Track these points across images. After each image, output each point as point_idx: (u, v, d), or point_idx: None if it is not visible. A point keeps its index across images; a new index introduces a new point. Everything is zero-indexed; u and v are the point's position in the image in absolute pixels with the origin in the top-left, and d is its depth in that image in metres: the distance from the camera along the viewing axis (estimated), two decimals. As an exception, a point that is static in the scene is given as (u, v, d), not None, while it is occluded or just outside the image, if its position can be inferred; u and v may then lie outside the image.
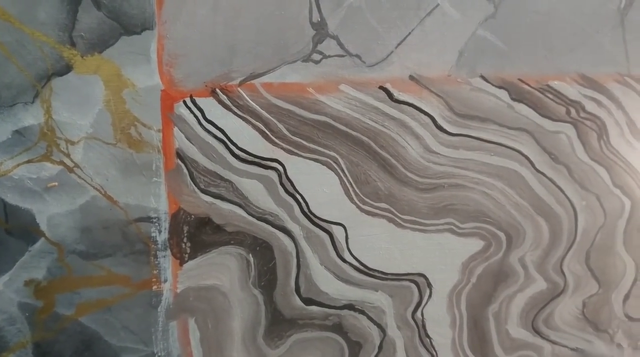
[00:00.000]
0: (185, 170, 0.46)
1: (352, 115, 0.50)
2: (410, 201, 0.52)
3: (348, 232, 0.50)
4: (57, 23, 0.42)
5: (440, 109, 0.52)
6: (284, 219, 0.48)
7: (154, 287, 0.45)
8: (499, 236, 0.55)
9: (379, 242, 0.51)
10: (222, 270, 0.47)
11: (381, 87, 0.50)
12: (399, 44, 0.51)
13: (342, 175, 0.50)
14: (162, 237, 0.45)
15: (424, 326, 0.53)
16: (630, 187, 0.57)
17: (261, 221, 0.48)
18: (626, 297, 0.59)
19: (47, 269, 0.43)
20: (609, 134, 0.57)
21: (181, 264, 0.46)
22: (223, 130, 0.46)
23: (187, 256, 0.46)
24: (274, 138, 0.48)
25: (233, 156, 0.47)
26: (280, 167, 0.48)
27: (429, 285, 0.53)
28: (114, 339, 0.45)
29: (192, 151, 0.46)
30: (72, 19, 0.42)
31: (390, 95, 0.51)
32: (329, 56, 0.49)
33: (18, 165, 0.42)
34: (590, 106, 0.56)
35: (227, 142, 0.47)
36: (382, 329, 0.52)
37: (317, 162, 0.49)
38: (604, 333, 0.59)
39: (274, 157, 0.48)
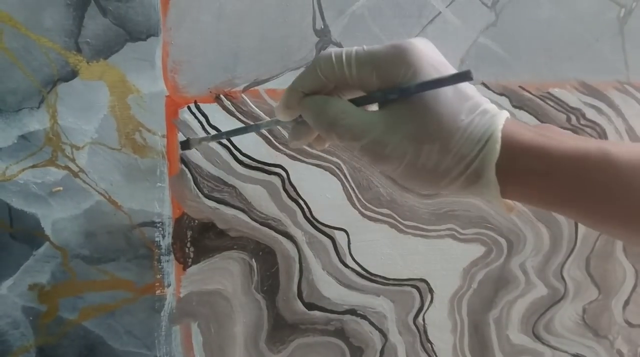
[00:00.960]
0: (189, 176, 0.46)
1: (355, 121, 0.50)
2: (412, 206, 0.52)
3: (350, 237, 0.51)
4: (63, 29, 0.42)
5: (441, 116, 0.52)
6: (286, 224, 0.49)
7: (157, 292, 0.46)
8: (500, 242, 0.55)
9: (381, 247, 0.52)
10: (225, 275, 0.47)
11: (383, 94, 0.51)
12: (401, 52, 0.51)
13: (345, 181, 0.50)
14: (166, 242, 0.46)
15: (425, 331, 0.54)
16: (630, 194, 0.57)
17: (264, 226, 0.48)
18: (626, 304, 0.60)
19: (51, 274, 0.43)
20: (609, 141, 0.57)
21: (184, 269, 0.46)
22: (227, 136, 0.47)
23: (190, 260, 0.46)
24: (277, 144, 0.48)
25: (237, 162, 0.47)
26: (283, 173, 0.48)
27: (431, 290, 0.53)
28: (117, 344, 0.45)
29: (196, 157, 0.46)
30: (78, 26, 0.43)
31: (392, 101, 0.51)
32: (332, 63, 0.49)
33: (23, 170, 0.42)
34: (590, 113, 0.57)
35: (230, 147, 0.47)
36: (383, 335, 0.52)
37: (320, 168, 0.49)
38: (604, 339, 0.59)
39: (277, 162, 0.48)
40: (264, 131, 0.48)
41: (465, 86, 0.30)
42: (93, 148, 0.44)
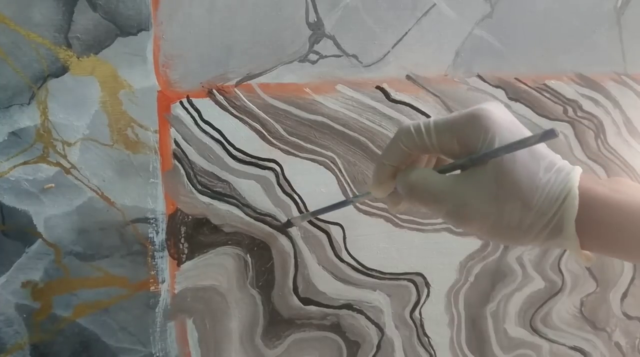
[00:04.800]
0: (182, 171, 0.46)
1: (349, 115, 0.50)
2: (408, 200, 0.52)
3: (346, 232, 0.50)
4: (52, 24, 0.42)
5: (437, 109, 0.52)
6: (281, 219, 0.48)
7: (152, 288, 0.45)
8: (497, 235, 0.55)
9: (377, 241, 0.51)
10: (220, 270, 0.47)
11: (378, 87, 0.51)
12: (395, 44, 0.51)
13: (340, 175, 0.50)
14: (160, 238, 0.45)
15: (422, 325, 0.53)
16: (628, 186, 0.57)
17: (259, 221, 0.48)
18: (624, 296, 0.60)
19: (44, 271, 0.43)
20: (606, 133, 0.57)
21: (179, 265, 0.46)
22: (220, 130, 0.46)
23: (184, 256, 0.46)
24: (271, 138, 0.48)
25: (230, 157, 0.47)
26: (277, 168, 0.48)
27: (427, 284, 0.53)
28: (112, 340, 0.45)
29: (190, 152, 0.46)
30: (68, 20, 0.42)
31: (387, 95, 0.51)
32: (326, 56, 0.49)
33: (14, 166, 0.42)
34: (587, 105, 0.56)
35: (224, 142, 0.47)
36: (380, 329, 0.52)
37: (314, 162, 0.49)
38: (602, 332, 0.59)
39: (271, 157, 0.48)
40: (256, 125, 0.47)
41: (539, 145, 0.31)
42: (85, 144, 0.43)
